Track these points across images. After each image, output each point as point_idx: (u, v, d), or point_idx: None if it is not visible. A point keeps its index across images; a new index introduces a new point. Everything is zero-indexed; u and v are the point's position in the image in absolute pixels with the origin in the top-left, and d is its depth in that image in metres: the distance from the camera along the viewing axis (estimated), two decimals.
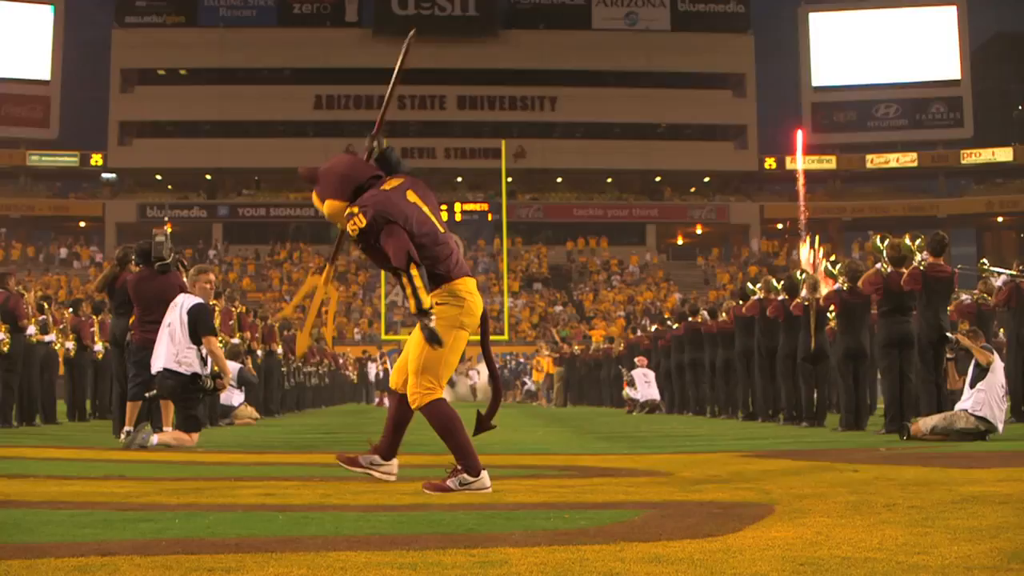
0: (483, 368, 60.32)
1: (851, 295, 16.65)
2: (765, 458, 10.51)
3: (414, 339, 7.34)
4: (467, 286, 7.45)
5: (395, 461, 7.98)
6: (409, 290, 7.01)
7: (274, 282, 72.71)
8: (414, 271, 7.04)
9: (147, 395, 13.24)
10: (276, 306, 62.85)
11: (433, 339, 7.01)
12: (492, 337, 7.98)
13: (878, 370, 17.31)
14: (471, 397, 58.08)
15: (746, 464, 9.69)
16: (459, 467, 7.20)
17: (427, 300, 6.99)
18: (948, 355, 14.94)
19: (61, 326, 22.10)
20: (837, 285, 17.47)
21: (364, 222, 7.22)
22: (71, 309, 23.78)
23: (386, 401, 46.75)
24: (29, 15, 79.34)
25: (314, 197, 7.65)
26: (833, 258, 26.16)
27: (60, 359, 22.14)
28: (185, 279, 13.77)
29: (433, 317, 7.05)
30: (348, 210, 7.31)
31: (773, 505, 6.13)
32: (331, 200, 7.51)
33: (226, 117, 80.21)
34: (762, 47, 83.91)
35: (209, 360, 12.76)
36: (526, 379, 55.99)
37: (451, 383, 54.30)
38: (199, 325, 12.58)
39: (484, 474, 7.23)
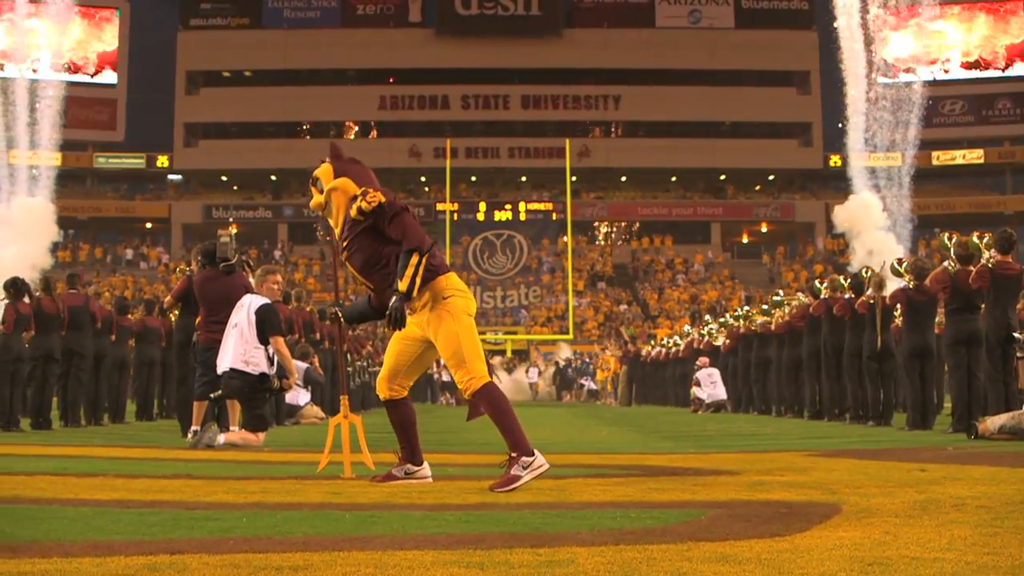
0: (544, 367, 60.39)
1: (917, 293, 16.55)
2: (832, 457, 10.46)
3: (442, 338, 7.45)
4: (458, 280, 7.68)
5: (426, 463, 8.03)
6: (410, 272, 7.26)
7: (340, 282, 72.96)
8: (423, 259, 7.31)
9: (211, 396, 13.33)
10: None
11: (398, 323, 7.28)
12: (557, 336, 8.12)
13: (945, 369, 17.21)
14: (532, 396, 58.03)
15: (813, 463, 9.64)
16: (514, 454, 7.24)
17: (416, 290, 7.31)
18: (1018, 354, 14.83)
19: (133, 328, 22.28)
20: (903, 283, 17.35)
21: (384, 199, 7.46)
22: (142, 309, 23.99)
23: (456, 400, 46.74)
24: (96, 18, 80.00)
25: (324, 169, 7.87)
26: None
27: (131, 360, 22.35)
28: (251, 280, 13.84)
29: (411, 303, 7.44)
30: (362, 189, 7.58)
31: (840, 505, 6.10)
32: (348, 180, 7.73)
33: (291, 118, 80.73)
34: (827, 44, 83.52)
35: (276, 360, 12.84)
36: (583, 380, 55.93)
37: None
38: (267, 325, 12.66)
39: (537, 453, 7.29)
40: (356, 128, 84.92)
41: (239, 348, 12.57)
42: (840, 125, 64.44)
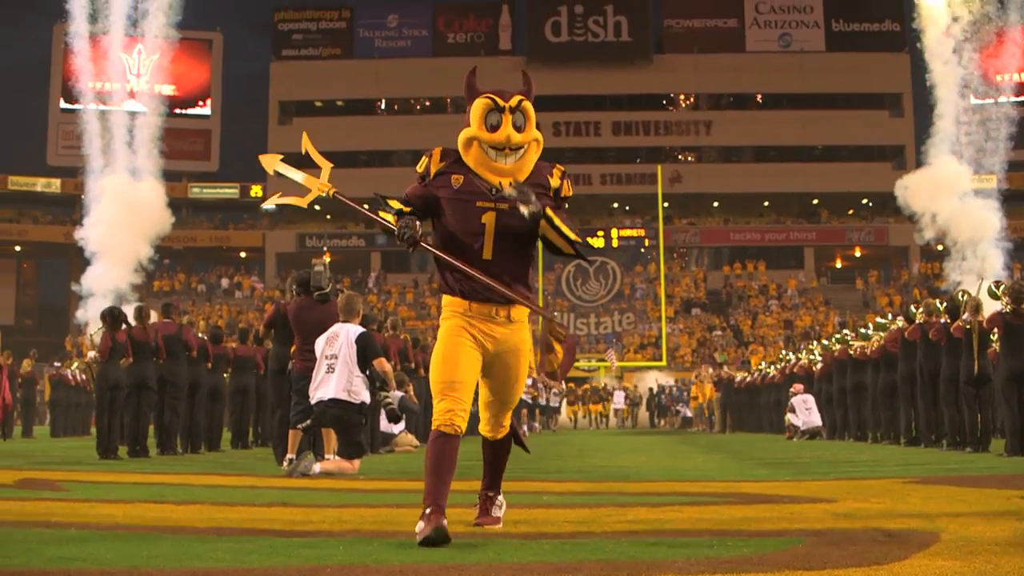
0: (633, 389, 60.14)
1: (1015, 317, 16.35)
2: (929, 484, 10.35)
3: (522, 377, 6.81)
4: None
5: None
6: (567, 234, 6.47)
7: (432, 310, 73.19)
8: (577, 253, 6.61)
9: (300, 427, 13.39)
10: (435, 334, 63.25)
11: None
12: (650, 364, 7.90)
13: None
14: (618, 423, 57.85)
15: (910, 490, 9.55)
16: (428, 510, 6.12)
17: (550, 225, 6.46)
18: None
19: (228, 356, 22.52)
20: (1000, 307, 17.14)
21: (572, 192, 6.77)
22: (236, 338, 24.23)
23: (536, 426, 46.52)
24: (190, 51, 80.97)
25: (532, 111, 6.68)
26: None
27: (226, 387, 22.57)
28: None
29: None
30: (563, 169, 6.78)
31: (939, 533, 6.05)
32: (540, 140, 6.71)
33: (383, 147, 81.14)
34: (919, 65, 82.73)
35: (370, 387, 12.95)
36: (680, 407, 55.64)
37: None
38: (368, 351, 12.76)
39: None
40: None
41: (342, 378, 12.66)
42: (927, 145, 63.47)
